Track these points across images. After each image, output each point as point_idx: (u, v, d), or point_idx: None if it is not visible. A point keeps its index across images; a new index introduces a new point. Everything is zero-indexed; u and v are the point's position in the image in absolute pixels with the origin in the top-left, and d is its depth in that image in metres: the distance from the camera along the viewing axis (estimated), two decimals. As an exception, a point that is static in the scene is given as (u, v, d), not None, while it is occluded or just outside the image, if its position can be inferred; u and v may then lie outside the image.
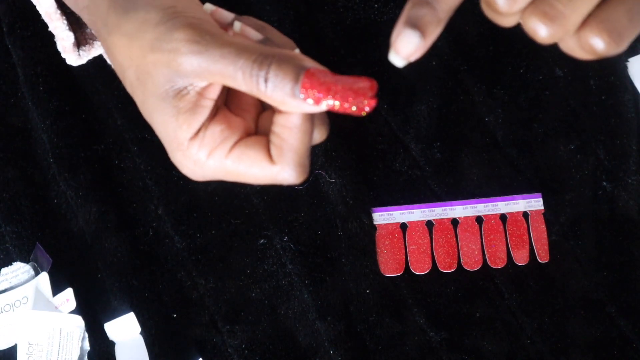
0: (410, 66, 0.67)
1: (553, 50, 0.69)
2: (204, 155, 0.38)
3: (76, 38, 0.51)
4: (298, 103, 0.35)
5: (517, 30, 0.69)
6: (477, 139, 0.67)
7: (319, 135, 0.40)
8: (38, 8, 0.48)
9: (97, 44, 0.51)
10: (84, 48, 0.51)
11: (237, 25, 0.40)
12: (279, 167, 0.37)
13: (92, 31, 0.45)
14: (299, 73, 0.35)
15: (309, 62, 0.35)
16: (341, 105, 0.34)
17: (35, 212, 0.63)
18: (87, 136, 0.64)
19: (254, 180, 0.38)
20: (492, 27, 0.70)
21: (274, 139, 0.37)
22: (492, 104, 0.67)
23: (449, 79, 0.68)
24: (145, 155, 0.64)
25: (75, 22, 0.50)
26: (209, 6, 0.42)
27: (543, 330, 0.63)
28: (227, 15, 0.41)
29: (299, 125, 0.37)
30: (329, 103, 0.34)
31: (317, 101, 0.34)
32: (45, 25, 0.65)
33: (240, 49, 0.36)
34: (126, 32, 0.38)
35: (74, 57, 0.50)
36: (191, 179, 0.40)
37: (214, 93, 0.38)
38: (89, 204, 0.62)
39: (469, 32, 0.69)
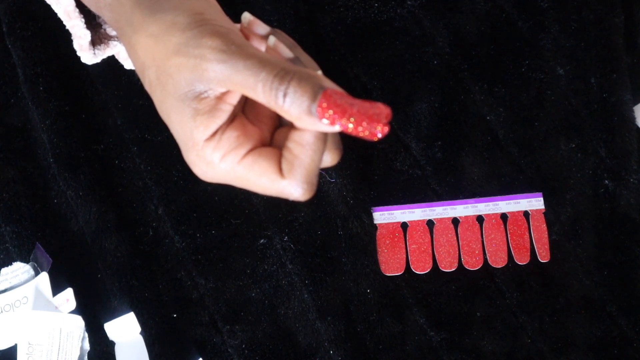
0: (411, 65, 0.67)
1: (554, 49, 0.69)
2: (217, 158, 0.39)
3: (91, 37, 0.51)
4: (313, 121, 0.36)
5: (519, 29, 0.69)
6: (478, 138, 0.67)
7: (330, 159, 0.41)
8: (55, 7, 0.49)
9: (112, 43, 0.52)
10: (98, 47, 0.51)
11: (272, 40, 0.41)
12: (287, 181, 0.38)
13: (113, 29, 0.46)
14: (317, 92, 0.36)
15: (328, 83, 0.36)
16: (354, 128, 0.35)
17: (35, 212, 0.63)
18: (87, 136, 0.64)
19: (261, 190, 0.39)
20: (493, 25, 0.70)
21: (286, 154, 0.38)
22: (493, 103, 0.67)
23: (450, 78, 0.68)
24: (145, 155, 0.64)
25: (88, 22, 0.51)
26: (247, 15, 0.43)
27: (544, 329, 0.63)
28: (263, 27, 0.43)
29: (312, 143, 0.38)
30: (343, 124, 0.35)
31: (332, 121, 0.35)
32: (45, 25, 0.65)
33: (264, 62, 0.37)
34: (152, 33, 0.39)
35: (89, 55, 0.51)
36: (201, 179, 0.40)
37: (233, 99, 0.39)
38: (89, 204, 0.62)
39: (470, 31, 0.69)
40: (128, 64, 0.54)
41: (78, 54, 0.50)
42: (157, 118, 0.69)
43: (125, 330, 0.60)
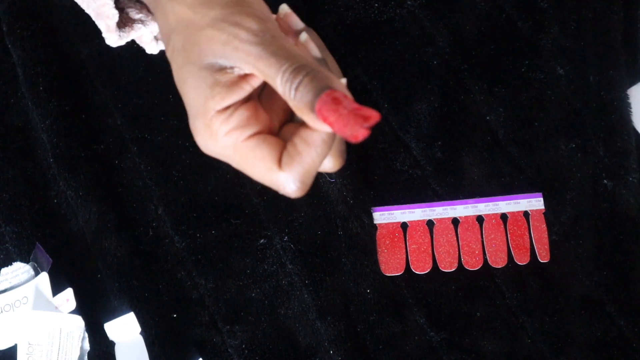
0: (411, 65, 0.67)
1: (554, 49, 0.69)
2: (223, 131, 0.39)
3: None
4: (313, 119, 0.36)
5: (519, 29, 0.69)
6: (478, 138, 0.67)
7: (331, 165, 0.41)
8: None
9: (137, 26, 0.52)
10: (123, 30, 0.51)
11: (304, 36, 0.41)
12: (283, 174, 0.38)
13: None
14: (322, 90, 0.36)
15: (337, 85, 0.36)
16: (340, 129, 0.35)
17: (35, 212, 0.63)
18: (87, 136, 0.64)
19: (255, 175, 0.39)
20: (493, 25, 0.70)
21: (290, 148, 0.39)
22: (493, 103, 0.67)
23: (450, 78, 0.68)
24: (145, 155, 0.64)
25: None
26: (284, 7, 0.43)
27: (543, 329, 0.63)
28: (297, 22, 0.43)
29: (318, 145, 0.38)
30: (331, 123, 0.35)
31: (324, 119, 0.35)
32: (45, 25, 0.65)
33: (289, 55, 0.37)
34: (190, 4, 0.39)
35: (115, 37, 0.51)
36: (200, 149, 0.41)
37: (256, 82, 0.39)
38: (89, 204, 0.62)
39: (470, 31, 0.69)
40: (149, 48, 0.54)
41: (104, 35, 0.50)
42: (157, 118, 0.69)
43: (125, 330, 0.60)
